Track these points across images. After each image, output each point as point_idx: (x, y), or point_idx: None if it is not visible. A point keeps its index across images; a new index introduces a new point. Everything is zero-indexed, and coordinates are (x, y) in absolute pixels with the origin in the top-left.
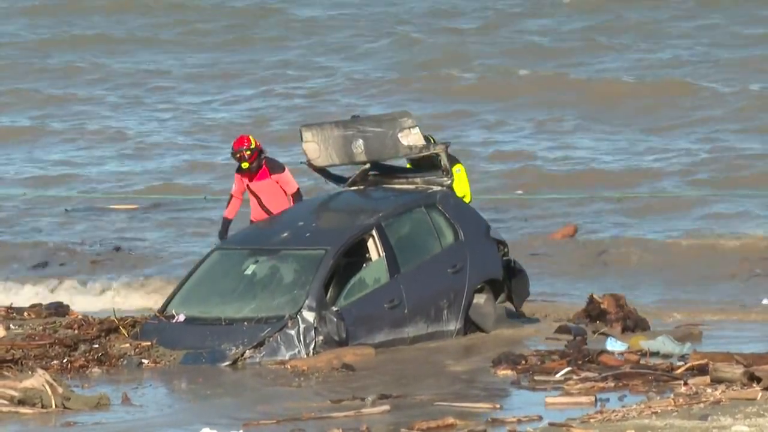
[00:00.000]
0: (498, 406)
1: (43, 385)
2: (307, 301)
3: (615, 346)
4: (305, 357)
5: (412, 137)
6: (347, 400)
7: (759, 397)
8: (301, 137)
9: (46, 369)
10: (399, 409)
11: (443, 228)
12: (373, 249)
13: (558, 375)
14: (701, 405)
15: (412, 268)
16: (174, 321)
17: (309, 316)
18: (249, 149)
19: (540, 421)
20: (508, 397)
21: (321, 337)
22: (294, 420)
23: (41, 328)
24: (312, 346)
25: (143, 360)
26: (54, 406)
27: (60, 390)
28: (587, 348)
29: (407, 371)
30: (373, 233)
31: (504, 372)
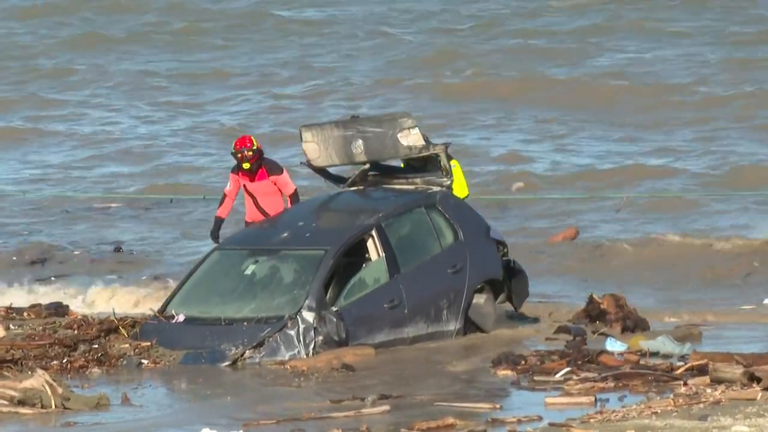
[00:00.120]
0: (498, 406)
1: (43, 386)
2: (307, 302)
3: (615, 346)
4: (305, 357)
5: (411, 137)
6: (347, 400)
7: (759, 398)
8: (301, 137)
9: (45, 369)
10: (399, 410)
11: (443, 228)
12: (373, 249)
13: (558, 375)
14: (701, 405)
15: (412, 268)
16: (174, 321)
17: (309, 316)
18: (251, 150)
19: (540, 422)
20: (508, 397)
21: (321, 338)
22: (294, 420)
23: (41, 328)
24: (312, 346)
25: (143, 360)
26: (54, 406)
27: (60, 390)
28: (587, 348)
29: (407, 371)
30: (373, 233)
31: (504, 372)
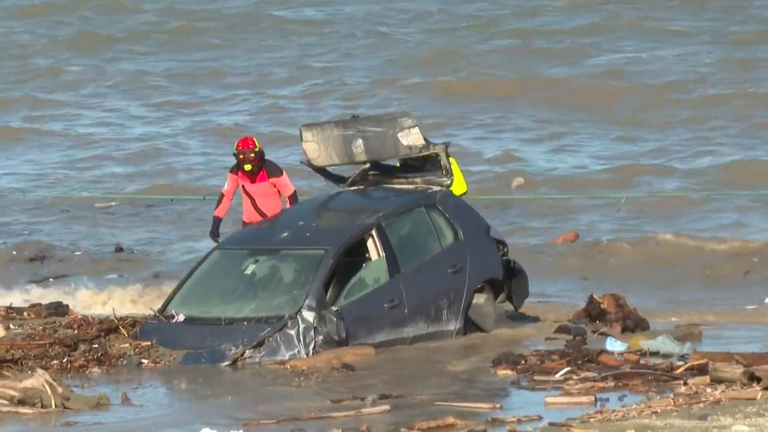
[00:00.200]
0: (498, 405)
1: (43, 385)
2: (307, 301)
3: (615, 346)
4: (305, 357)
5: (412, 137)
6: (347, 399)
7: (759, 397)
8: (301, 137)
9: (45, 369)
10: (399, 409)
11: (443, 228)
12: (373, 249)
13: (558, 375)
14: (701, 405)
15: (412, 268)
16: (174, 321)
17: (309, 315)
18: (253, 151)
19: (540, 421)
20: (508, 397)
21: (321, 337)
22: (294, 420)
23: (41, 328)
24: (312, 345)
25: (143, 360)
26: (54, 406)
27: (60, 390)
28: (587, 348)
29: (407, 371)
30: (373, 233)
31: (504, 372)
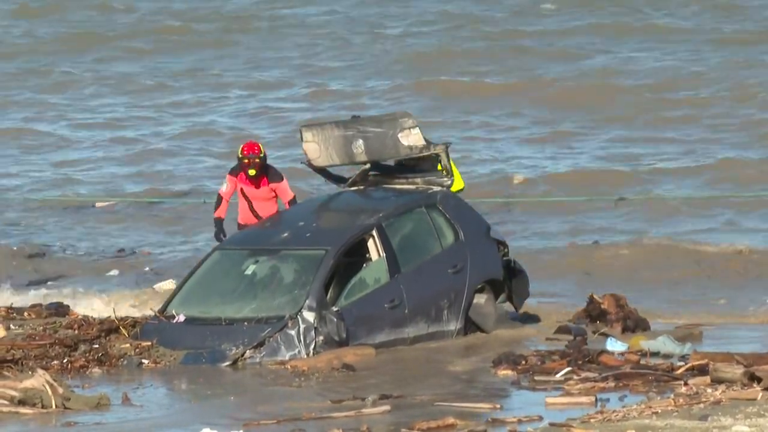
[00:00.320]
0: (498, 406)
1: (44, 386)
2: (308, 301)
3: (615, 346)
4: (305, 357)
5: (412, 137)
6: (347, 400)
7: (759, 398)
8: (302, 137)
9: (46, 369)
10: (399, 409)
11: (443, 228)
12: (374, 249)
13: (558, 375)
14: (701, 405)
15: (412, 268)
16: (174, 321)
17: (309, 316)
18: (259, 157)
19: (540, 422)
20: (508, 398)
21: (321, 337)
22: (294, 420)
23: (41, 328)
24: (312, 346)
25: (143, 360)
26: (54, 406)
27: (60, 390)
28: (587, 348)
29: (407, 371)
30: (374, 233)
31: (504, 372)
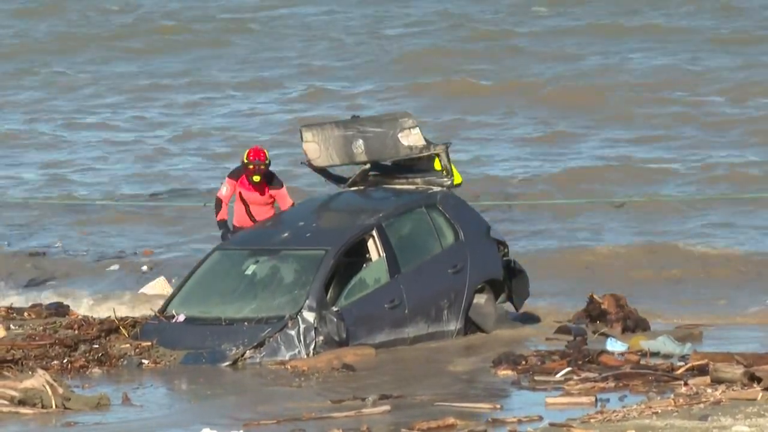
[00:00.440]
0: (498, 406)
1: (44, 386)
2: (308, 302)
3: (615, 346)
4: (305, 357)
5: (412, 137)
6: (348, 400)
7: (759, 398)
8: (302, 137)
9: (46, 369)
10: (399, 410)
11: (443, 228)
12: (374, 249)
13: (558, 375)
14: (701, 405)
15: (412, 268)
16: (174, 321)
17: (309, 316)
18: (264, 164)
19: (540, 422)
20: (508, 398)
21: (321, 338)
22: (294, 420)
23: (41, 328)
24: (312, 346)
25: (143, 360)
26: (54, 406)
27: (60, 390)
28: (587, 348)
29: (407, 371)
30: (374, 233)
31: (504, 372)
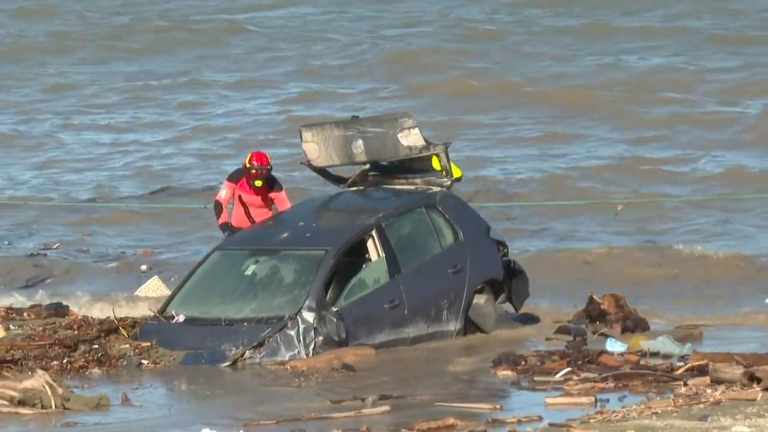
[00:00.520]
0: (498, 406)
1: (43, 386)
2: (307, 302)
3: (615, 346)
4: (305, 357)
5: (412, 138)
6: (347, 400)
7: (759, 398)
8: (301, 137)
9: (45, 369)
10: (399, 410)
11: (443, 228)
12: (373, 249)
13: (558, 375)
14: (701, 405)
15: (412, 268)
16: (174, 321)
17: (309, 316)
18: (266, 169)
19: (540, 422)
20: (508, 398)
21: (321, 338)
22: (294, 420)
23: (41, 328)
24: (312, 346)
25: (143, 360)
26: (54, 406)
27: (60, 390)
28: (587, 348)
29: (407, 372)
30: (373, 233)
31: (504, 372)
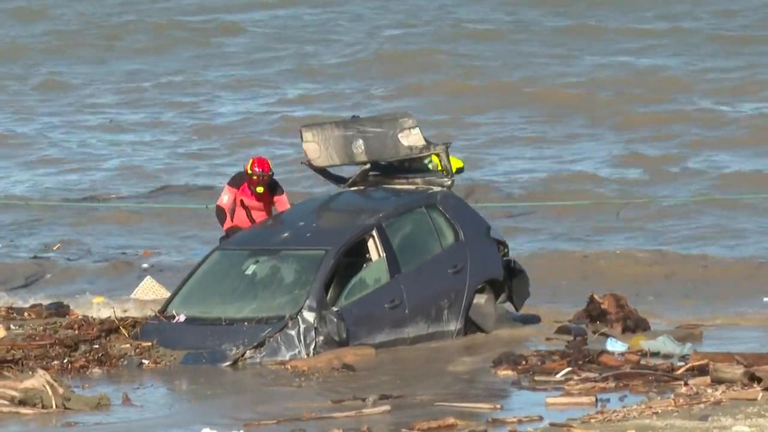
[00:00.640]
0: (498, 406)
1: (44, 386)
2: (308, 302)
3: (615, 346)
4: (306, 357)
5: (412, 137)
6: (348, 400)
7: (759, 398)
8: (302, 137)
9: (46, 369)
10: (399, 410)
11: (444, 228)
12: (374, 249)
13: (558, 375)
14: (702, 405)
15: (412, 268)
16: (174, 321)
17: (309, 316)
18: (268, 175)
19: (540, 422)
20: (508, 398)
21: (321, 338)
22: (294, 420)
23: (42, 328)
24: (312, 346)
25: (144, 360)
26: (54, 406)
27: (60, 390)
28: (588, 348)
29: (408, 371)
30: (374, 233)
31: (504, 372)
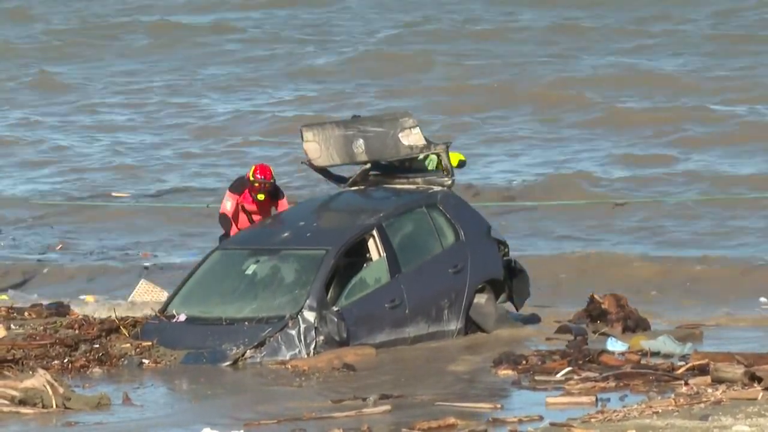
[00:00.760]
0: (499, 406)
1: (44, 385)
2: (308, 301)
3: (616, 346)
4: (306, 357)
5: (412, 137)
6: (348, 400)
7: (760, 397)
8: (302, 137)
9: (46, 369)
10: (400, 409)
11: (444, 228)
12: (374, 249)
13: (559, 375)
14: (702, 405)
15: (413, 268)
16: (175, 321)
17: (310, 316)
18: (269, 183)
19: (541, 421)
20: (508, 397)
21: (322, 337)
22: (295, 420)
23: (42, 328)
24: (313, 346)
25: (144, 360)
26: (55, 406)
27: (61, 390)
28: (588, 348)
29: (408, 371)
30: (374, 233)
31: (505, 372)
